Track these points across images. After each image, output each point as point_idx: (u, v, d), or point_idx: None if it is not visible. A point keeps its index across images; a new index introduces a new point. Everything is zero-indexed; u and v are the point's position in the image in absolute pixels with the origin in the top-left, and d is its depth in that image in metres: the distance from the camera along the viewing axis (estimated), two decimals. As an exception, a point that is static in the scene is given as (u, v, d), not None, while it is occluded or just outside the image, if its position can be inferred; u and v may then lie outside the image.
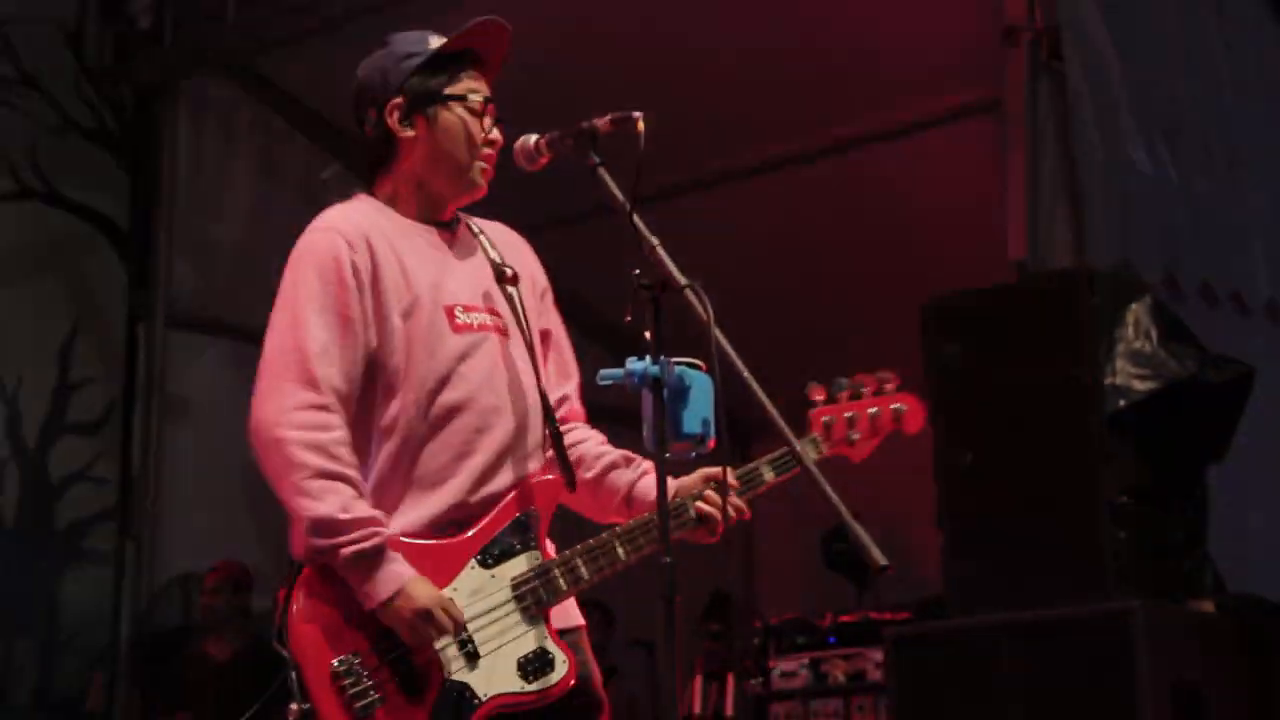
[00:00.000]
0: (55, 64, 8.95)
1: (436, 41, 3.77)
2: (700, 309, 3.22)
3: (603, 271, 4.49)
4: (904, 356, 6.01)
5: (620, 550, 3.62)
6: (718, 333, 3.20)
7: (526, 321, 3.78)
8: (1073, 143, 6.84)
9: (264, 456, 3.53)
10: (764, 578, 10.35)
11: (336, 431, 3.52)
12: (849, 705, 7.35)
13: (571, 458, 3.78)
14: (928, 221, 8.28)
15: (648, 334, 3.29)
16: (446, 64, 3.76)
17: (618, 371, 3.31)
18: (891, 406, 3.98)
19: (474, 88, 3.76)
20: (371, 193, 3.81)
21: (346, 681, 3.43)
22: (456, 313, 3.68)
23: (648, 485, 3.71)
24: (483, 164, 3.76)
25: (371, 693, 3.44)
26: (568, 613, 3.72)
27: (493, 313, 3.74)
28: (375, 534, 3.46)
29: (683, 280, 3.26)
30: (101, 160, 9.15)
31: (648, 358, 3.25)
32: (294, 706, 3.42)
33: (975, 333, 5.93)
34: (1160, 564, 5.67)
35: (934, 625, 6.05)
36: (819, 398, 3.94)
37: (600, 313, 8.24)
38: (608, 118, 3.43)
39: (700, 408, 3.28)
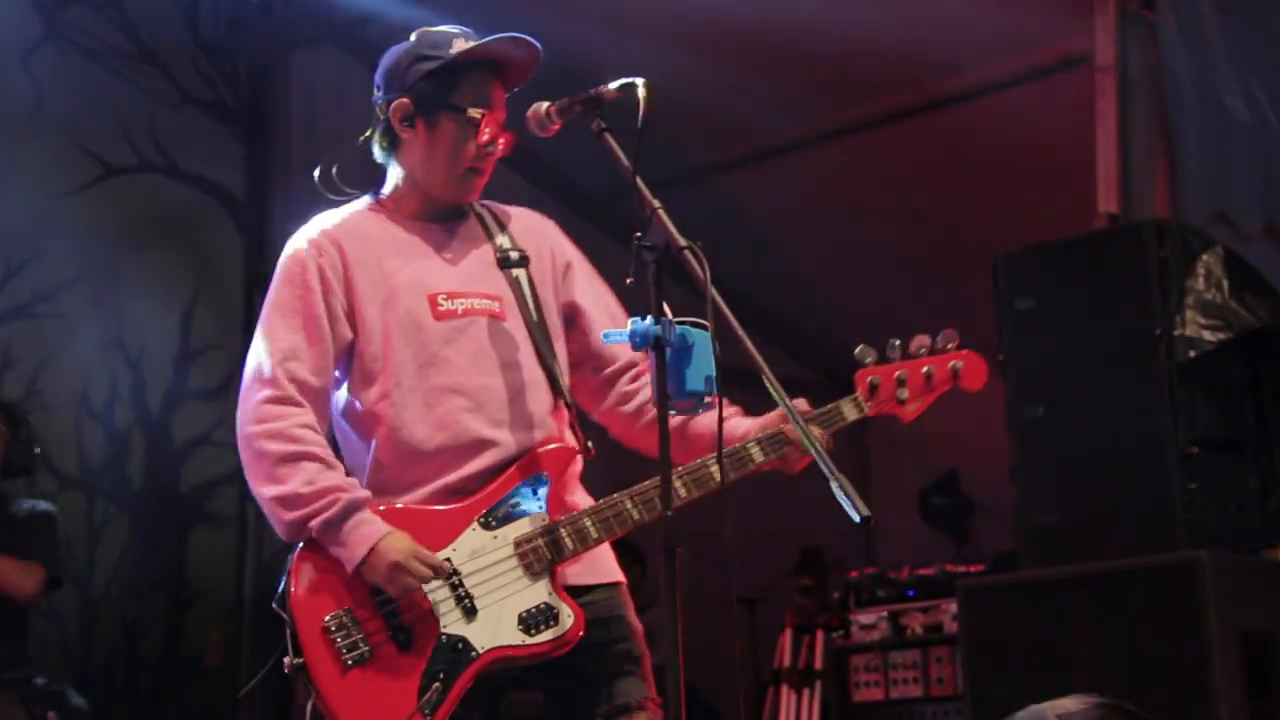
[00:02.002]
0: (172, 40, 9.07)
1: (460, 46, 3.82)
2: (698, 270, 3.29)
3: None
4: (987, 310, 6.07)
5: (633, 510, 3.69)
6: (714, 293, 3.27)
7: (535, 301, 3.87)
8: (1166, 93, 6.78)
9: (241, 456, 3.72)
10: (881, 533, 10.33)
11: (295, 417, 3.68)
12: (927, 656, 7.38)
13: (633, 404, 3.91)
14: (1021, 177, 8.24)
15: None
16: (460, 72, 3.81)
17: (622, 331, 3.40)
18: (950, 364, 3.97)
19: (478, 100, 3.81)
20: (377, 188, 3.93)
21: (338, 635, 3.59)
22: (439, 300, 3.80)
23: (702, 421, 3.77)
24: (473, 174, 3.86)
25: (362, 644, 3.59)
26: (600, 568, 3.81)
27: (487, 297, 3.84)
28: (336, 500, 3.60)
29: (683, 241, 3.33)
30: (218, 132, 9.28)
31: (650, 317, 3.32)
32: (286, 660, 3.57)
33: (1046, 285, 5.94)
34: (1233, 514, 5.66)
35: (1005, 577, 6.09)
36: (869, 360, 3.92)
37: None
38: (613, 85, 3.50)
39: (703, 365, 3.34)
